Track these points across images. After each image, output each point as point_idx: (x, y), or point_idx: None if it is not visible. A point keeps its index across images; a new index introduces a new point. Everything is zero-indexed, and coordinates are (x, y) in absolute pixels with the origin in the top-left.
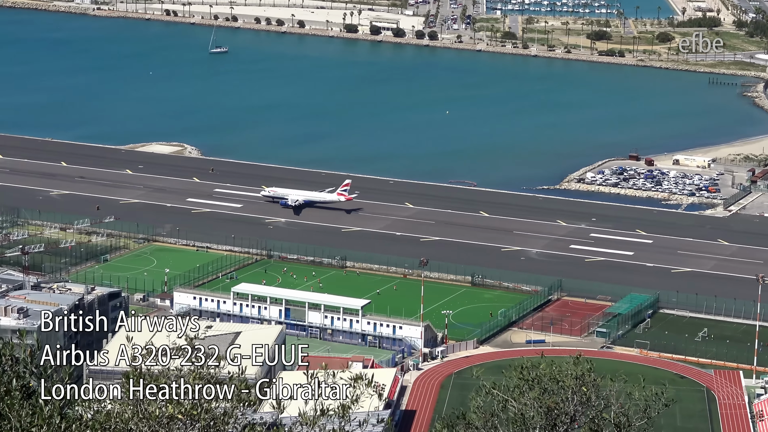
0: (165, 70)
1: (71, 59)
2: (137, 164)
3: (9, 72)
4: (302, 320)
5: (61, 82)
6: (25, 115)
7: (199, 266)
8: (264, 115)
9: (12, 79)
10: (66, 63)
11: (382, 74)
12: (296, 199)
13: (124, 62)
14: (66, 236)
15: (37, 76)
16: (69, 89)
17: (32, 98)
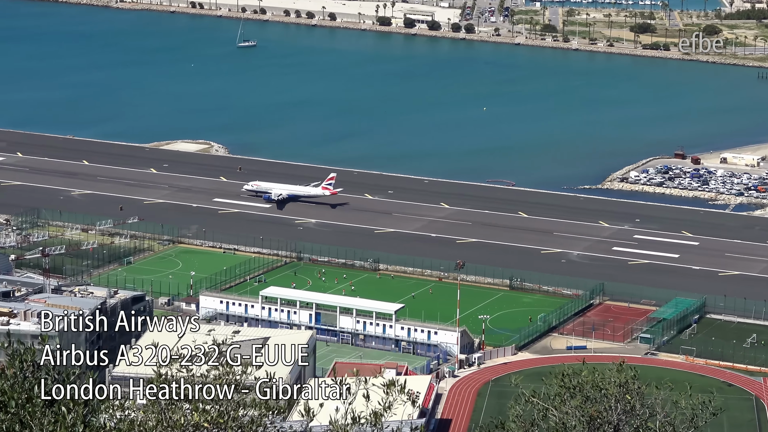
0: (190, 65)
1: (94, 54)
2: (162, 163)
3: (29, 67)
4: (333, 325)
5: (83, 77)
6: (45, 112)
7: (226, 269)
8: (294, 111)
9: (32, 74)
10: (88, 57)
11: (417, 69)
12: (279, 194)
13: (148, 57)
14: (88, 238)
15: (57, 71)
16: (91, 85)
17: (53, 94)
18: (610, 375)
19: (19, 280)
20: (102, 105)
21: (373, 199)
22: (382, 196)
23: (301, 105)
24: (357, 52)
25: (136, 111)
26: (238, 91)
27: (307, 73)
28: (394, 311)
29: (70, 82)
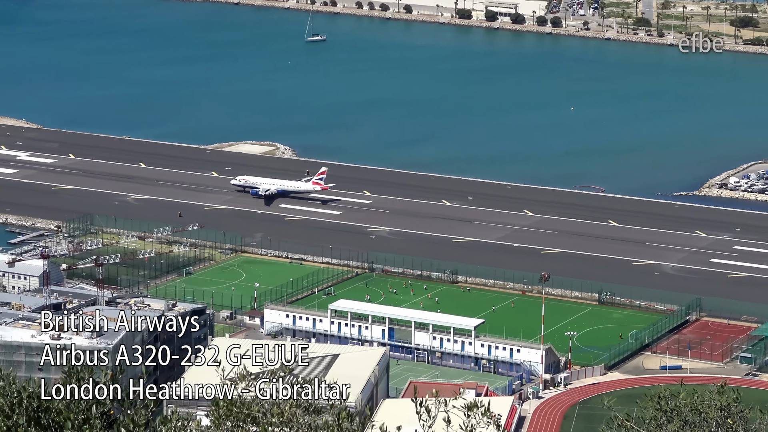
0: (256, 61)
1: (152, 49)
2: (224, 166)
3: (84, 63)
4: (408, 341)
5: (141, 73)
6: (100, 111)
7: (292, 280)
8: (366, 111)
9: (86, 70)
10: (146, 53)
11: (499, 66)
12: (267, 189)
13: (210, 52)
14: (144, 246)
15: (114, 68)
16: (149, 82)
17: (108, 92)
18: (710, 397)
19: (70, 291)
20: (161, 103)
21: (451, 206)
22: (460, 203)
23: (373, 104)
24: (434, 47)
25: (196, 110)
26: (306, 89)
27: (381, 70)
28: (474, 327)
29: (126, 78)
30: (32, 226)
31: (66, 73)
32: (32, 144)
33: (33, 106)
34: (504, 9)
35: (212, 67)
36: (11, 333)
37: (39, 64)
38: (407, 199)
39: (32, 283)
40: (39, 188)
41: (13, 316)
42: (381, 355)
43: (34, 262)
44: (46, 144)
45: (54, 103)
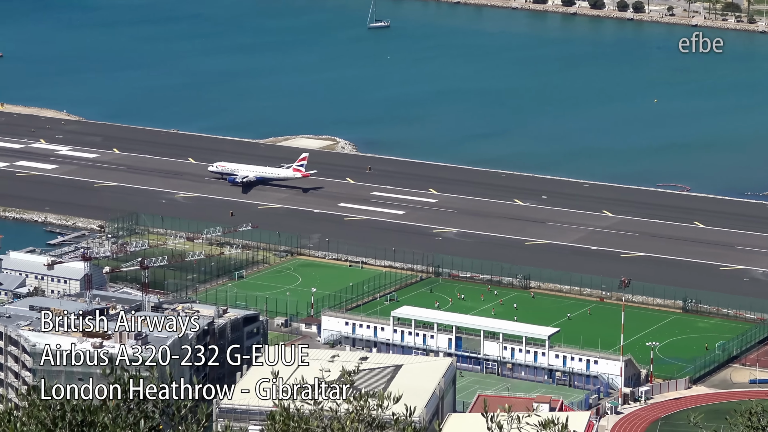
0: (314, 49)
1: (204, 37)
2: (279, 161)
3: (131, 51)
4: (476, 351)
5: (191, 63)
6: (146, 103)
7: (352, 285)
8: (432, 103)
9: (134, 60)
10: (198, 41)
11: (576, 54)
12: (245, 176)
13: (265, 40)
14: (193, 248)
15: (162, 57)
16: (200, 72)
17: (156, 83)
18: None
19: (114, 295)
20: (212, 94)
21: (524, 206)
22: (534, 202)
23: (440, 96)
24: (507, 34)
25: (250, 101)
26: (369, 80)
27: (449, 58)
28: (548, 336)
29: (176, 68)
30: (73, 225)
31: (111, 62)
32: (74, 138)
33: (75, 97)
34: None
35: (267, 55)
36: (50, 340)
37: (82, 52)
38: (476, 198)
39: (73, 287)
40: (81, 185)
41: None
42: (447, 366)
43: (75, 264)
44: (89, 138)
45: (97, 94)
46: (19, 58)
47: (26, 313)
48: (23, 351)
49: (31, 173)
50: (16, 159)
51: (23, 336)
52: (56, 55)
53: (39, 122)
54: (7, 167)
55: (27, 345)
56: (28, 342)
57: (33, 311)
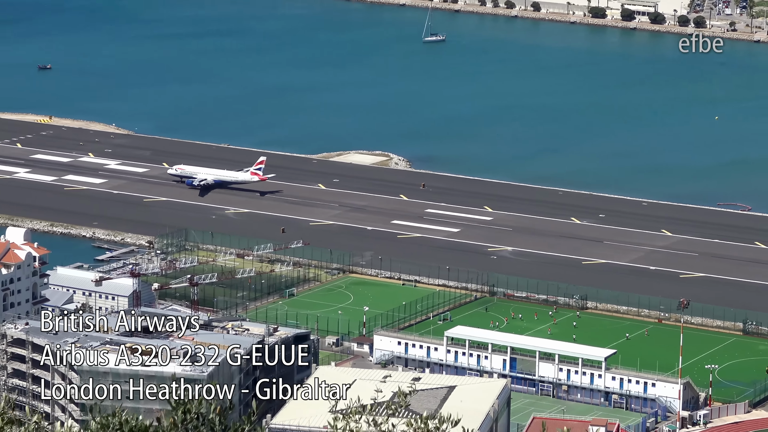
0: (368, 62)
1: (256, 51)
2: (331, 177)
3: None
4: (531, 373)
5: (243, 78)
6: (197, 117)
7: (405, 304)
8: (488, 119)
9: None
10: (250, 55)
11: (635, 70)
12: (204, 179)
13: (319, 53)
14: (244, 264)
15: (215, 71)
16: (252, 86)
17: (207, 97)
18: None
19: (162, 312)
20: (264, 109)
21: (581, 224)
22: (591, 221)
23: (496, 111)
24: (564, 48)
25: (303, 116)
26: (424, 94)
27: (505, 73)
28: (604, 358)
29: (227, 82)
30: (122, 241)
31: (162, 75)
32: (123, 152)
33: (124, 111)
34: (642, 7)
35: (322, 69)
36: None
37: (132, 66)
38: (532, 216)
39: (121, 303)
40: (129, 200)
41: (100, 339)
42: (501, 387)
43: (123, 280)
44: (138, 152)
45: (147, 107)
46: (69, 71)
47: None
48: (70, 368)
49: (79, 188)
50: (64, 173)
51: (70, 353)
52: (106, 68)
53: (87, 136)
54: (55, 181)
55: (74, 362)
56: (75, 359)
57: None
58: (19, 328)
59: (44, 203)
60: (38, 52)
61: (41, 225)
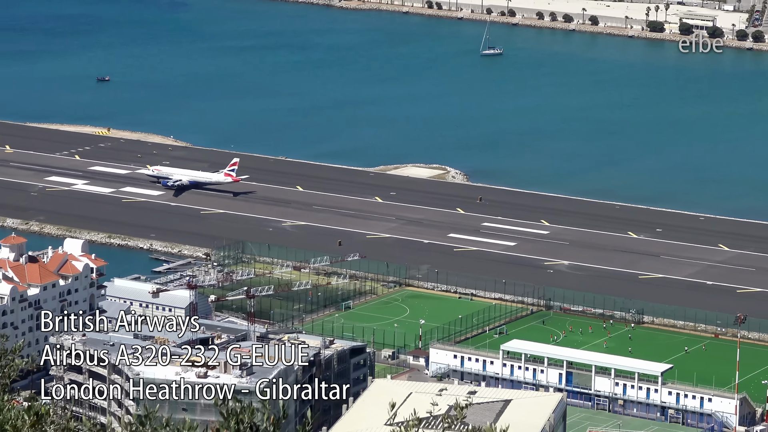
0: (426, 75)
1: (308, 60)
2: (389, 190)
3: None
4: (587, 387)
5: (301, 90)
6: (254, 129)
7: (461, 318)
8: (545, 132)
9: (243, 86)
10: (301, 64)
11: (694, 84)
12: (178, 179)
13: (375, 64)
14: (300, 277)
15: (272, 84)
16: (309, 99)
17: (264, 109)
18: None
19: (219, 324)
20: (321, 122)
21: (638, 238)
22: (648, 235)
23: (553, 124)
24: (622, 62)
25: (360, 129)
26: (481, 107)
27: (563, 86)
28: (661, 372)
29: (285, 95)
30: (179, 253)
31: (220, 88)
32: (180, 163)
33: (182, 123)
34: (700, 21)
35: (379, 82)
36: (153, 370)
37: (190, 78)
38: (589, 230)
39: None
40: (187, 212)
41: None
42: (557, 401)
43: (180, 292)
44: (195, 164)
45: (205, 120)
46: (127, 83)
47: (130, 341)
48: (127, 380)
49: (136, 199)
50: (121, 185)
51: (127, 365)
52: (164, 81)
53: (145, 148)
54: (113, 193)
55: (130, 374)
56: (132, 371)
57: (137, 339)
58: (76, 339)
59: (102, 215)
60: (97, 65)
61: (99, 236)
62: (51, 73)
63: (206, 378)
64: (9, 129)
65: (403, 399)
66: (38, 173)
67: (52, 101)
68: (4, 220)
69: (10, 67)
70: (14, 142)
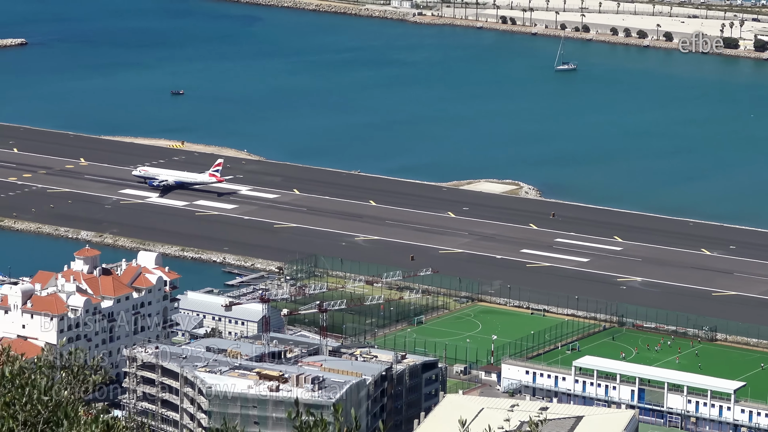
0: (499, 90)
1: (383, 75)
2: (461, 205)
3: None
4: (659, 404)
5: (369, 102)
6: (328, 143)
7: (533, 333)
8: (619, 148)
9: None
10: (375, 79)
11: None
12: (164, 180)
13: (449, 79)
14: (372, 291)
15: (346, 100)
16: (381, 111)
17: (338, 123)
18: None
19: (291, 338)
20: (394, 136)
21: (711, 255)
22: (722, 252)
23: (627, 140)
24: (696, 78)
25: (433, 143)
26: (555, 123)
27: (636, 102)
28: (734, 390)
29: (360, 110)
30: (252, 267)
31: (295, 102)
32: (254, 178)
33: (256, 137)
34: None
35: (451, 97)
36: (226, 383)
37: (264, 92)
38: (662, 246)
39: (250, 328)
40: (260, 226)
41: (229, 364)
42: (629, 418)
43: (252, 306)
44: (269, 178)
45: (279, 134)
46: (202, 97)
47: (203, 354)
48: (199, 393)
49: (210, 213)
50: (195, 198)
51: (199, 377)
52: (239, 95)
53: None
54: (187, 206)
55: (203, 387)
56: (204, 383)
57: (210, 353)
58: (149, 351)
59: (176, 228)
60: (171, 78)
61: (172, 249)
62: (126, 86)
63: (278, 391)
64: (84, 142)
65: (474, 415)
66: (112, 186)
67: (126, 114)
68: (78, 232)
69: (88, 80)
70: (89, 155)
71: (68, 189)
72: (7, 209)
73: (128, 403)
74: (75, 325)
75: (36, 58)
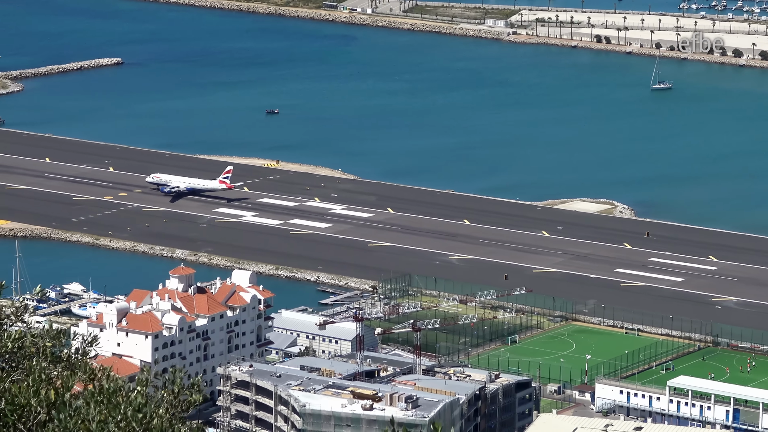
0: (594, 109)
1: (480, 93)
2: (555, 225)
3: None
4: (755, 425)
5: (464, 122)
6: (422, 162)
7: (627, 353)
8: (714, 167)
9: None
10: (474, 98)
11: None
12: (176, 186)
13: (543, 98)
14: (466, 310)
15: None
16: (475, 131)
17: (433, 143)
18: None
19: (385, 357)
20: (488, 154)
21: None
22: None
23: (723, 159)
24: None
25: (527, 162)
26: (650, 142)
27: (733, 121)
28: None
29: (453, 130)
30: (345, 285)
31: (389, 123)
32: (348, 197)
33: (350, 156)
34: None
35: (546, 116)
36: (320, 401)
37: (359, 111)
38: (759, 266)
39: (344, 347)
40: (354, 244)
41: (323, 383)
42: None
43: (346, 324)
44: (363, 197)
45: (373, 153)
46: (296, 116)
47: (297, 372)
48: (293, 411)
49: (304, 231)
50: (290, 217)
51: (293, 396)
52: (333, 115)
53: (314, 180)
54: (281, 225)
55: (297, 405)
56: (297, 402)
57: (303, 371)
58: (243, 370)
59: (270, 247)
60: (267, 98)
61: (266, 268)
62: (222, 105)
63: (372, 410)
64: (179, 161)
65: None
66: (207, 205)
67: (222, 133)
68: (173, 251)
69: (183, 99)
70: (184, 174)
71: (163, 208)
72: (103, 228)
73: (222, 421)
74: (170, 344)
75: (132, 78)
